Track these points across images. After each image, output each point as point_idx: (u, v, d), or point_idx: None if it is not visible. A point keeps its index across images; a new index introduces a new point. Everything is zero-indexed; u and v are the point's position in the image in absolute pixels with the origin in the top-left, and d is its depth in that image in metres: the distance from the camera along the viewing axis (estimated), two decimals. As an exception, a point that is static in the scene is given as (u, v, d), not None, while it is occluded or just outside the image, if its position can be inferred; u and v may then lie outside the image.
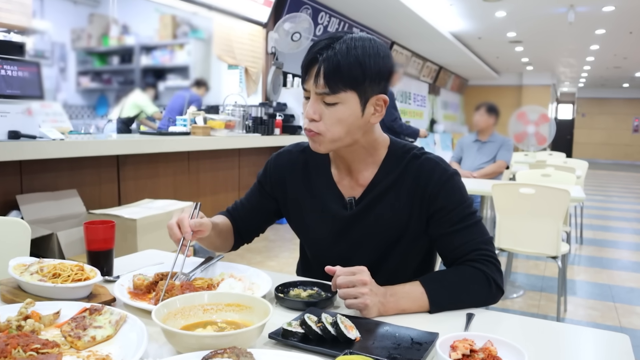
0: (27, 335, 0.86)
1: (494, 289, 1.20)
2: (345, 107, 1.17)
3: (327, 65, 1.14)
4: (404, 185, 1.27)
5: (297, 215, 1.40)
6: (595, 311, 3.52)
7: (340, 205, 1.31)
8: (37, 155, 2.77)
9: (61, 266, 1.16)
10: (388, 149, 1.31)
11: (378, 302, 1.09)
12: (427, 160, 1.28)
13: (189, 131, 4.26)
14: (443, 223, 1.25)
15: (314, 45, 1.18)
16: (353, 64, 1.14)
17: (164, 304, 0.96)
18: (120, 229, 2.55)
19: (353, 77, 1.15)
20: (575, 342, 1.05)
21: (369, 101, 1.19)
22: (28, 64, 2.94)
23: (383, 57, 1.18)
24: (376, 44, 1.18)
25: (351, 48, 1.14)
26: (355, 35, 1.18)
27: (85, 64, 7.08)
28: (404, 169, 1.28)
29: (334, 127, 1.18)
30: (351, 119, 1.19)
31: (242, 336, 0.86)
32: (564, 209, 2.89)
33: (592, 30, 9.42)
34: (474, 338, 0.90)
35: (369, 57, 1.15)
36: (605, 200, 9.38)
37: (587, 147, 20.69)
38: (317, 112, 1.18)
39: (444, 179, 1.25)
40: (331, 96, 1.16)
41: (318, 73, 1.15)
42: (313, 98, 1.19)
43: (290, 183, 1.39)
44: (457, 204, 1.25)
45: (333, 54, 1.14)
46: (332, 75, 1.14)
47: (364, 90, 1.17)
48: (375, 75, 1.17)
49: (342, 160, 1.32)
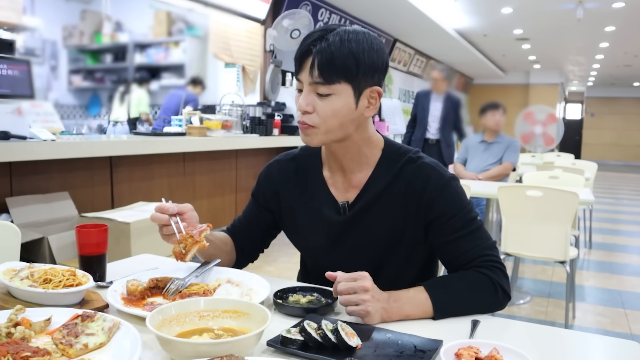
0: (17, 343, 0.85)
1: (500, 295, 1.20)
2: (339, 99, 1.19)
3: (321, 56, 1.16)
4: (398, 189, 1.27)
5: (292, 224, 1.41)
6: (604, 318, 3.52)
7: (333, 211, 1.32)
8: (28, 157, 2.77)
9: (52, 271, 1.16)
10: (382, 150, 1.32)
11: (380, 308, 1.09)
12: (423, 164, 1.28)
13: (185, 132, 4.26)
14: (444, 230, 1.25)
15: (308, 37, 1.21)
16: (347, 56, 1.16)
17: (159, 310, 0.96)
18: (114, 232, 2.55)
19: (347, 69, 1.17)
20: (584, 349, 1.05)
21: (363, 93, 1.21)
22: (18, 62, 2.95)
23: (377, 50, 1.20)
24: (370, 37, 1.21)
25: (345, 40, 1.17)
26: (348, 28, 1.20)
27: (77, 62, 7.08)
28: (398, 172, 1.28)
29: (328, 118, 1.20)
30: (345, 111, 1.20)
31: (240, 344, 0.86)
32: (572, 212, 2.89)
33: (601, 27, 9.43)
34: (480, 345, 0.90)
35: (362, 50, 1.18)
36: (615, 203, 9.38)
37: (597, 148, 20.69)
38: (310, 103, 1.20)
39: (441, 185, 1.25)
40: (325, 86, 1.18)
41: (313, 64, 1.18)
42: (306, 89, 1.21)
43: (283, 193, 1.40)
44: (457, 210, 1.25)
45: (327, 45, 1.16)
46: (326, 66, 1.16)
47: (357, 82, 1.19)
48: (369, 67, 1.19)
49: (334, 159, 1.32)
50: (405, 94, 11.26)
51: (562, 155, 7.40)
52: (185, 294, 1.19)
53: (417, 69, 11.79)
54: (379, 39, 1.24)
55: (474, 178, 4.45)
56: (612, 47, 11.42)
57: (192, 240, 1.19)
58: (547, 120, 8.85)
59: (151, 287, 1.19)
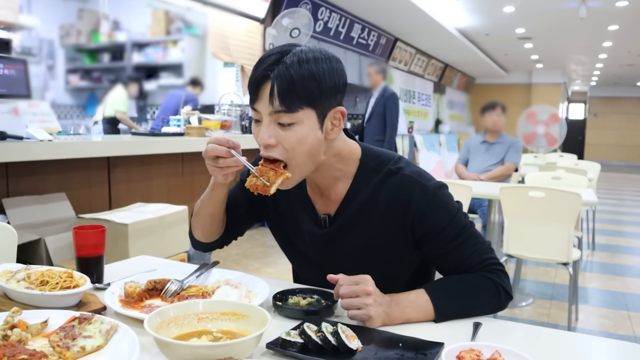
0: (14, 346, 0.86)
1: (502, 297, 1.20)
2: (303, 126, 1.12)
3: (281, 81, 1.09)
4: (380, 204, 1.23)
5: (280, 230, 1.40)
6: (608, 320, 3.52)
7: (314, 223, 1.30)
8: (24, 157, 2.77)
9: (49, 273, 1.16)
10: (360, 161, 1.27)
11: (382, 312, 1.09)
12: (404, 177, 1.23)
13: (183, 132, 4.27)
14: (438, 242, 1.22)
15: (262, 62, 1.13)
16: (308, 78, 1.09)
17: (157, 312, 0.96)
18: (111, 234, 2.55)
19: (309, 93, 1.10)
20: (587, 352, 1.05)
21: (327, 116, 1.16)
22: (14, 62, 2.95)
23: (337, 70, 1.15)
24: (328, 55, 1.15)
25: (303, 61, 1.10)
26: (304, 48, 1.14)
27: (75, 61, 7.08)
28: (377, 186, 1.24)
29: (294, 150, 1.13)
30: (310, 138, 1.13)
31: (239, 346, 0.86)
32: (575, 213, 2.89)
33: (604, 26, 9.43)
34: (481, 348, 0.90)
35: (323, 70, 1.11)
36: (618, 204, 9.38)
37: (600, 148, 20.70)
38: (272, 135, 1.12)
39: (427, 198, 1.21)
40: (288, 115, 1.10)
41: (272, 92, 1.10)
42: (266, 120, 1.12)
43: (271, 197, 1.37)
44: (448, 220, 1.21)
45: (285, 68, 1.09)
46: (287, 93, 1.09)
47: (321, 105, 1.13)
48: (331, 88, 1.13)
49: (310, 181, 1.30)
50: (406, 94, 11.26)
51: (564, 156, 7.40)
52: (183, 295, 1.19)
53: (418, 68, 11.79)
54: (337, 57, 1.18)
55: (476, 179, 4.45)
56: (615, 46, 11.43)
57: (273, 172, 1.13)
58: (550, 121, 8.85)
59: (149, 289, 1.19)
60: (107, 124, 6.21)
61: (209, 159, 1.18)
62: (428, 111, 12.77)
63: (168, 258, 2.20)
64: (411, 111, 11.49)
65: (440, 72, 13.51)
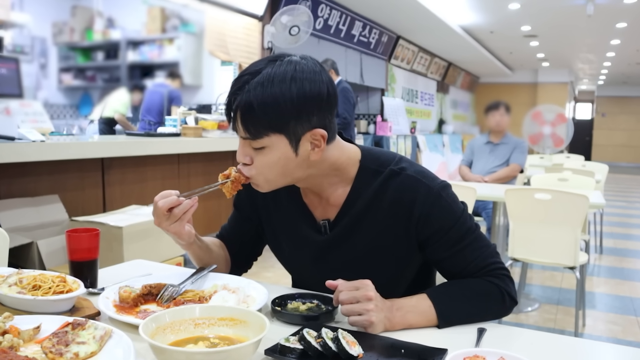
0: (5, 352, 0.86)
1: (507, 302, 1.20)
2: (273, 151, 1.13)
3: (242, 110, 1.11)
4: (382, 206, 1.23)
5: (273, 241, 1.41)
6: (616, 326, 3.52)
7: (312, 229, 1.29)
8: (16, 158, 2.77)
9: (42, 277, 1.16)
10: (360, 163, 1.26)
11: (384, 317, 1.09)
12: (407, 177, 1.22)
13: (179, 132, 4.27)
14: (442, 245, 1.22)
15: (233, 84, 1.14)
16: (270, 105, 1.08)
17: (153, 318, 0.96)
18: (105, 237, 2.55)
19: (272, 120, 1.10)
20: (594, 359, 1.05)
21: (302, 139, 1.14)
22: (6, 60, 2.96)
23: (310, 90, 1.10)
24: (302, 73, 1.10)
25: (267, 84, 1.08)
26: (275, 70, 1.10)
27: (68, 59, 7.08)
28: (380, 187, 1.23)
29: (265, 171, 1.17)
30: (282, 162, 1.15)
31: (236, 352, 0.86)
32: (582, 215, 2.89)
33: (612, 24, 9.43)
34: (486, 355, 0.90)
35: (290, 91, 1.08)
36: (626, 206, 9.38)
37: (608, 149, 20.70)
38: (247, 155, 1.17)
39: (431, 199, 1.20)
40: (255, 141, 1.13)
41: (235, 119, 1.13)
42: (240, 142, 1.17)
43: (262, 208, 1.39)
44: (452, 222, 1.21)
45: (247, 95, 1.09)
46: (249, 121, 1.11)
47: (290, 130, 1.12)
48: (299, 110, 1.10)
49: (303, 189, 1.31)
50: (408, 93, 11.26)
51: (571, 157, 7.41)
52: (179, 301, 1.19)
53: (420, 67, 11.79)
54: (317, 70, 1.13)
55: (480, 180, 4.45)
56: (623, 44, 11.42)
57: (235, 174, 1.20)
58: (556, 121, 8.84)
59: (144, 293, 1.19)
60: (104, 124, 6.20)
61: (162, 216, 1.18)
62: (431, 111, 12.76)
63: (164, 262, 2.20)
64: (414, 111, 11.48)
65: (443, 70, 13.51)
